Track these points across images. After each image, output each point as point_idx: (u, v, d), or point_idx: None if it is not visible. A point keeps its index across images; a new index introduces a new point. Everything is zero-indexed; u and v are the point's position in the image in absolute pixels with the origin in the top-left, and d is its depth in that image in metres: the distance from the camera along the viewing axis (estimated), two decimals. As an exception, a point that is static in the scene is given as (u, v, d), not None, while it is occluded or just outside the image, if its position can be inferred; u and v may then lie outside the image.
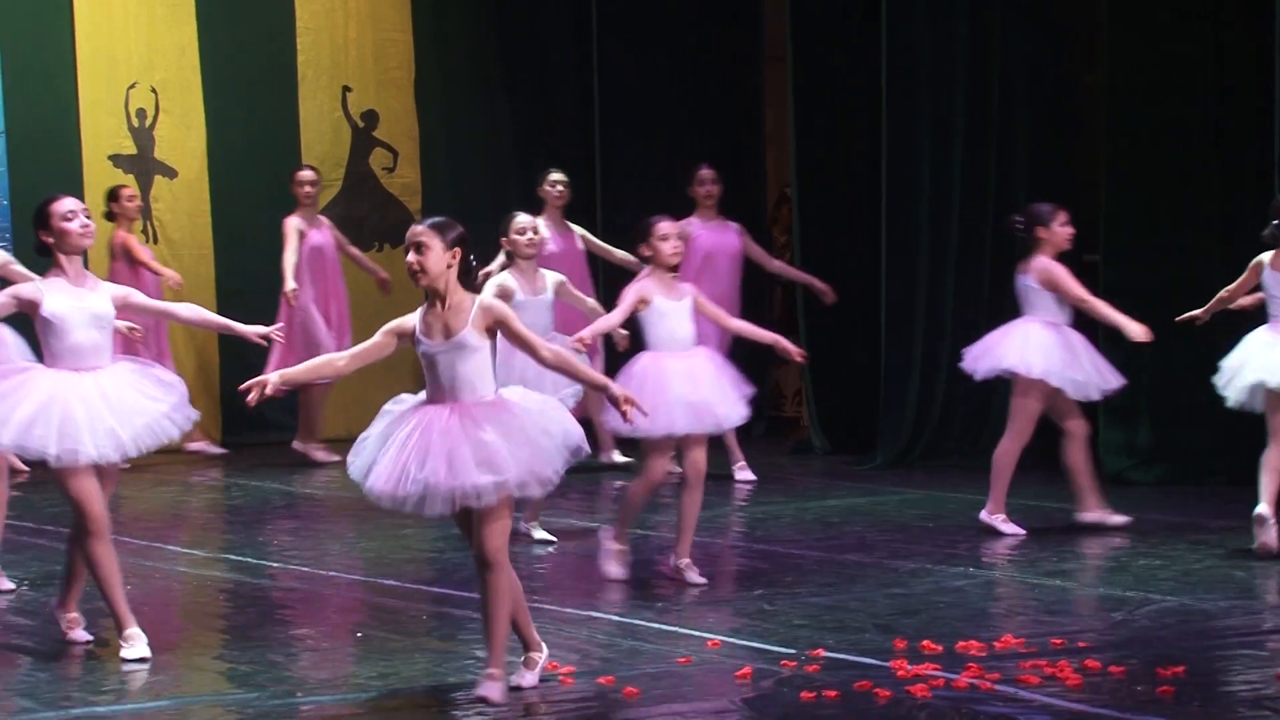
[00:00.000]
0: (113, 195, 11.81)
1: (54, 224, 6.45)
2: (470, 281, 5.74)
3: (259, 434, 12.57)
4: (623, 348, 8.25)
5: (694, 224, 10.52)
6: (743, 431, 11.13)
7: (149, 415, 6.41)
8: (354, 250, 12.02)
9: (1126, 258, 10.09)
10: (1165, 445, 10.08)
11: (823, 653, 6.09)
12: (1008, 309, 11.00)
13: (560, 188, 10.89)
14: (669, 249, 7.63)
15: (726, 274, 10.58)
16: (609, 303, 11.09)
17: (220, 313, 12.31)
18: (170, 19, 12.56)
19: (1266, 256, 7.89)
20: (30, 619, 7.10)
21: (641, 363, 7.60)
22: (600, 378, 6.06)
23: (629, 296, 7.68)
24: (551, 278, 8.76)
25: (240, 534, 9.31)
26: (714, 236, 10.61)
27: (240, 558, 8.45)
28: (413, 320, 5.72)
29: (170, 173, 12.68)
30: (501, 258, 9.15)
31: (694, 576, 7.51)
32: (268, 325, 8.60)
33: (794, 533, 8.80)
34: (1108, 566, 7.86)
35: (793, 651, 6.13)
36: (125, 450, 6.38)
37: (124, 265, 11.65)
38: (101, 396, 6.37)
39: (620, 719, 5.41)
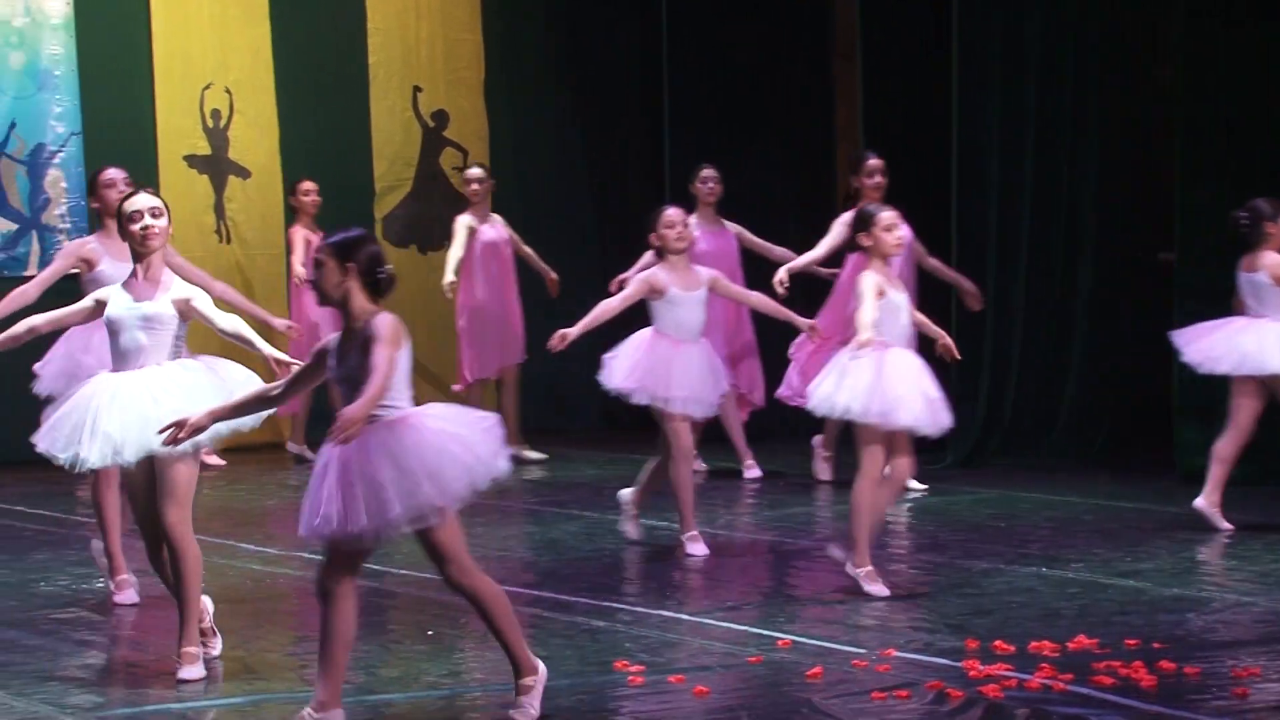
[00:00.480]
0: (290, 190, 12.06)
1: (123, 225, 6.36)
2: (378, 292, 5.33)
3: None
4: None
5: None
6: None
7: (153, 420, 5.94)
8: (527, 250, 11.64)
9: (1202, 256, 9.97)
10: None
11: (894, 653, 6.06)
12: (1076, 305, 10.99)
13: (711, 184, 10.66)
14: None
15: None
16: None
17: (292, 307, 12.52)
18: (244, 20, 12.63)
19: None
20: (105, 616, 7.15)
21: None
22: None
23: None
24: (706, 274, 8.42)
25: (312, 532, 9.34)
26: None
27: (312, 556, 8.44)
28: (333, 340, 5.40)
29: (244, 173, 12.74)
30: (649, 255, 8.93)
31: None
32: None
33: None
34: (1182, 567, 7.76)
35: (864, 651, 6.10)
36: (122, 456, 6.11)
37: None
38: (113, 399, 6.16)
39: (694, 716, 5.39)
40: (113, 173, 7.99)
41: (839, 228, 9.46)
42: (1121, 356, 11.10)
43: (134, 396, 6.12)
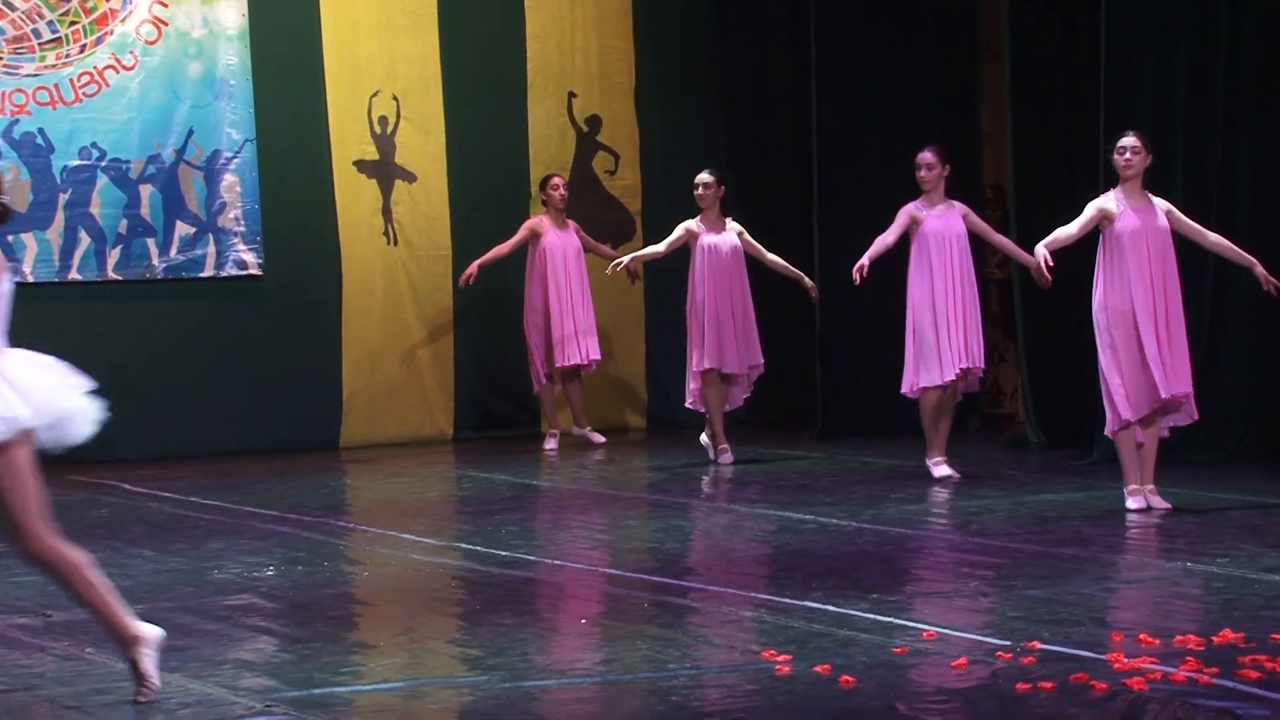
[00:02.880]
0: (541, 185, 12.40)
1: None
2: None
3: (489, 429, 12.76)
4: None
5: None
6: (959, 425, 11.08)
7: None
8: (771, 257, 11.27)
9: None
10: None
11: (1038, 645, 6.00)
12: (1225, 305, 10.79)
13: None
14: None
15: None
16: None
17: (455, 308, 12.67)
18: (414, 30, 12.79)
19: None
20: (275, 603, 7.26)
21: None
22: None
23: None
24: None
25: (470, 523, 9.44)
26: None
27: (470, 546, 8.56)
28: None
29: (410, 177, 12.90)
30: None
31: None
32: (510, 328, 8.48)
33: (1010, 526, 8.68)
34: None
35: (1008, 643, 6.04)
36: None
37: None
38: None
39: (837, 708, 5.38)
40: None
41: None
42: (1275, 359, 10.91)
43: None
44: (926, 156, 10.16)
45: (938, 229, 10.06)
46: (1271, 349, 10.90)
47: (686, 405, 11.35)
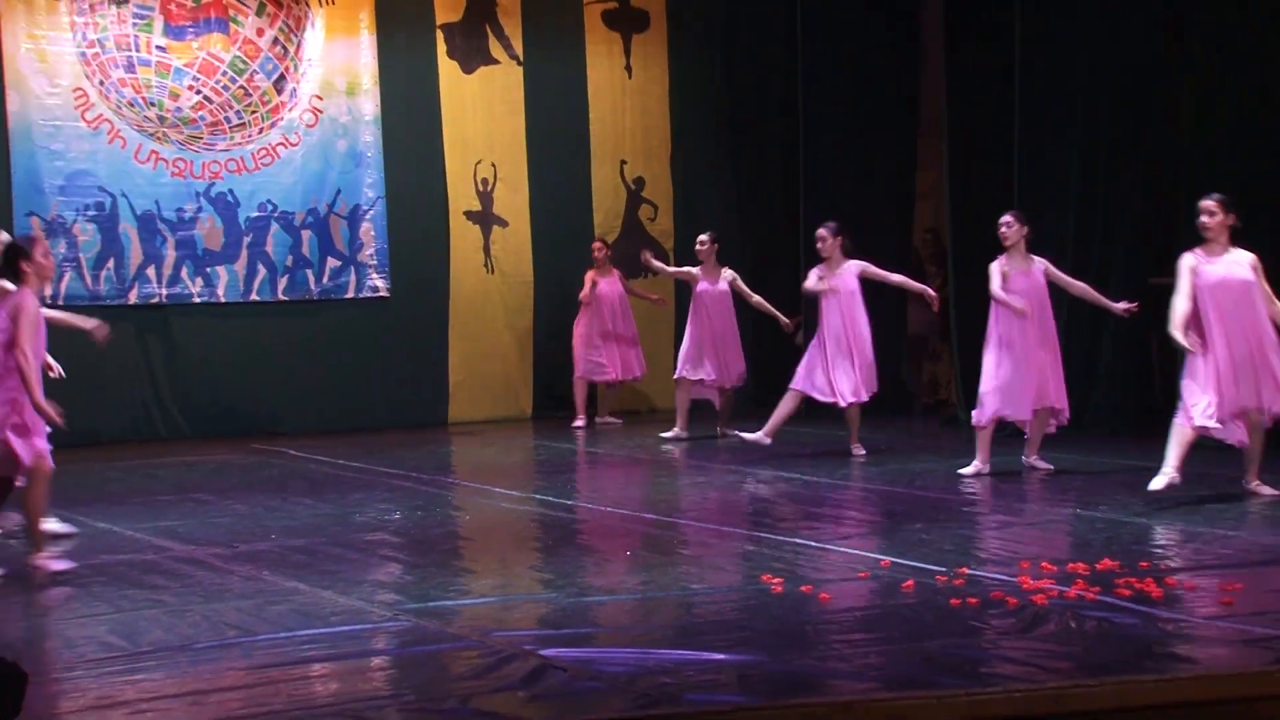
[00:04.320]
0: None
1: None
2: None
3: (558, 410, 12.77)
4: None
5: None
6: (905, 410, 11.02)
7: None
8: (756, 298, 11.02)
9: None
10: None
11: (966, 571, 5.98)
12: (1100, 326, 10.64)
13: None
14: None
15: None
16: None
17: (535, 321, 12.69)
18: (507, 114, 12.85)
19: None
20: (401, 538, 7.26)
21: None
22: None
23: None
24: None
25: (545, 480, 9.44)
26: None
27: (544, 497, 8.58)
28: None
29: (503, 223, 12.94)
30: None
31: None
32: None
33: (945, 483, 8.66)
34: (1185, 509, 7.56)
35: (944, 569, 6.03)
36: None
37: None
38: None
39: (816, 616, 5.38)
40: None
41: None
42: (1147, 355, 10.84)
43: None
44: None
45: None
46: (1139, 359, 10.83)
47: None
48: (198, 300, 11.90)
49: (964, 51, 11.66)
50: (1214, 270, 7.55)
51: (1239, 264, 7.58)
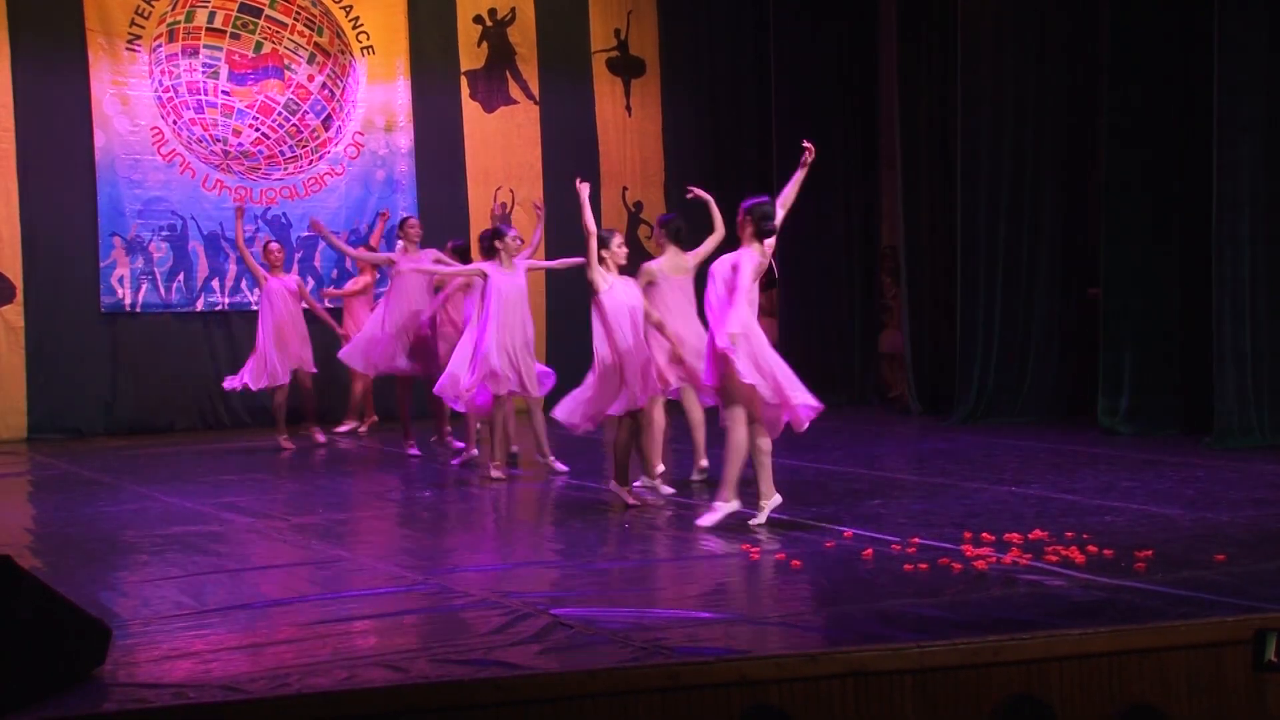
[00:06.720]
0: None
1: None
2: None
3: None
4: None
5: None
6: (859, 400, 10.96)
7: None
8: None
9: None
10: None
11: (918, 540, 5.98)
12: (1030, 319, 10.67)
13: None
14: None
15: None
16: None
17: (546, 321, 12.66)
18: (524, 145, 12.85)
19: None
20: (431, 512, 7.18)
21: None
22: None
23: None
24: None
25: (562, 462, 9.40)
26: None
27: (575, 481, 8.57)
28: None
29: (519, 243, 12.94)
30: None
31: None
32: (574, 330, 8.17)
33: (900, 463, 8.65)
34: (1102, 487, 7.56)
35: (899, 539, 6.03)
36: None
37: None
38: None
39: (787, 580, 5.38)
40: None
41: None
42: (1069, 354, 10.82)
43: None
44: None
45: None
46: (1069, 344, 10.76)
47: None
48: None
49: (914, 98, 11.67)
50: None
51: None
